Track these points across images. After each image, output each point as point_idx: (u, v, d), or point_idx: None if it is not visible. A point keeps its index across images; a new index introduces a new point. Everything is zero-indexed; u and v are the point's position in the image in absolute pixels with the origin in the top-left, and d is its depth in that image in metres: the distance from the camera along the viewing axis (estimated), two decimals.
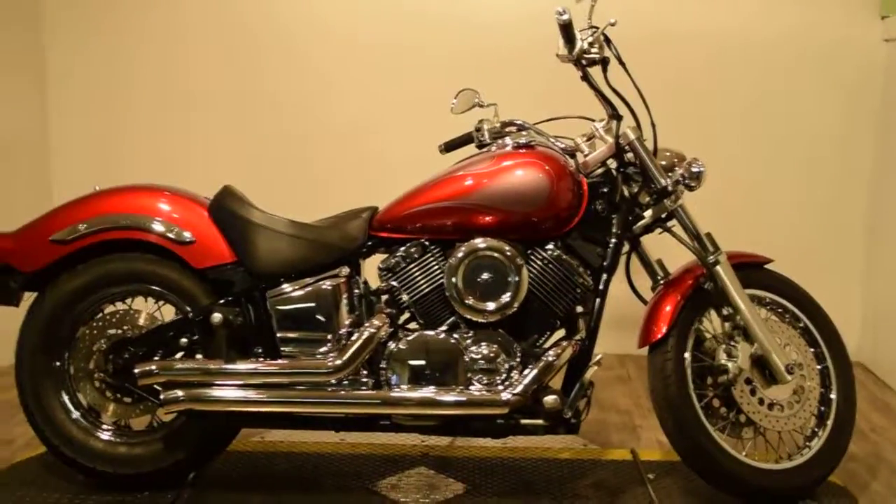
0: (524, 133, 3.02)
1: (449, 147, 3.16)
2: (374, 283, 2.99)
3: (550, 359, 2.79)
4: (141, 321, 2.95)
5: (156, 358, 2.89)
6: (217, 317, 2.81)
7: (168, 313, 3.00)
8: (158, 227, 2.88)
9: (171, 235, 2.88)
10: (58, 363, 2.95)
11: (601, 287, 2.90)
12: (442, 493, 2.98)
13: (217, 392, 2.79)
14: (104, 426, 2.98)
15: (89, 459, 2.94)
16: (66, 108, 4.76)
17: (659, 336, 2.89)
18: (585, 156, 2.97)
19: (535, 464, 3.23)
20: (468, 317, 2.83)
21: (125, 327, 2.94)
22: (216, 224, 2.91)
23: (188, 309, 2.92)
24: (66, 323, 2.94)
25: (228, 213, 2.91)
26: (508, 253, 2.81)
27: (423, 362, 2.84)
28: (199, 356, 2.92)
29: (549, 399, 2.75)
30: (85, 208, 2.93)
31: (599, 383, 2.84)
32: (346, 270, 2.91)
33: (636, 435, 3.65)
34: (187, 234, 2.88)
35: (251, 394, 2.79)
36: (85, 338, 2.95)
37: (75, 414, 2.96)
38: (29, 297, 3.01)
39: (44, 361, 2.94)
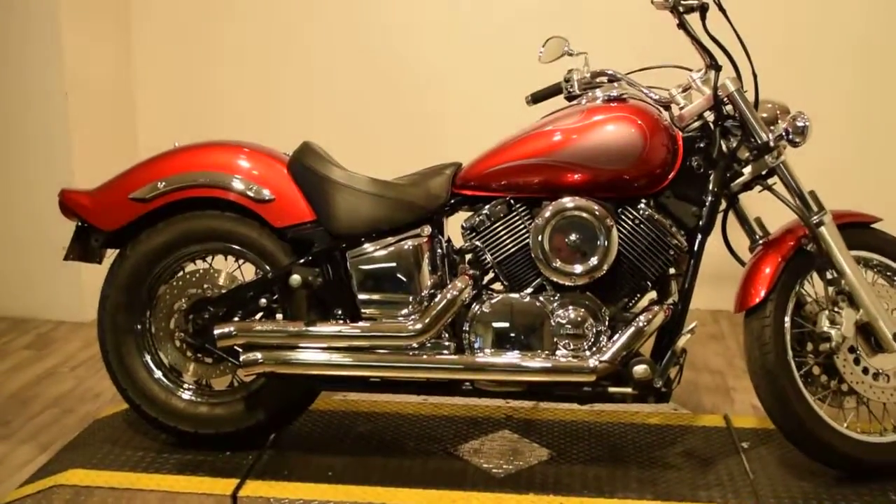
0: (615, 84, 2.86)
1: (536, 98, 3.02)
2: (458, 242, 2.89)
3: (641, 324, 2.66)
4: (221, 280, 2.91)
5: (235, 318, 2.84)
6: (296, 278, 2.74)
7: (249, 272, 2.95)
8: (237, 184, 2.82)
9: (250, 193, 2.81)
10: (139, 322, 2.93)
11: (696, 248, 2.74)
12: (525, 459, 2.90)
13: (296, 355, 2.73)
14: (185, 386, 2.96)
15: (171, 419, 2.93)
16: (151, 59, 4.75)
17: (757, 300, 2.73)
18: (681, 108, 2.80)
19: (622, 429, 3.12)
20: (554, 279, 2.71)
21: (205, 286, 2.90)
22: (296, 182, 2.83)
23: (267, 269, 2.86)
24: (147, 281, 2.92)
25: (308, 171, 2.82)
26: (598, 213, 2.67)
27: (507, 326, 2.74)
28: (279, 316, 2.87)
29: (640, 368, 2.62)
30: (164, 166, 2.88)
31: (690, 340, 2.70)
32: (428, 230, 2.81)
33: (729, 398, 3.51)
34: (266, 192, 2.81)
35: (331, 357, 2.73)
36: (165, 297, 2.92)
37: (157, 373, 2.95)
38: (111, 255, 3.00)
39: (125, 320, 2.92)
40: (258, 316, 2.87)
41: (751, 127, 2.73)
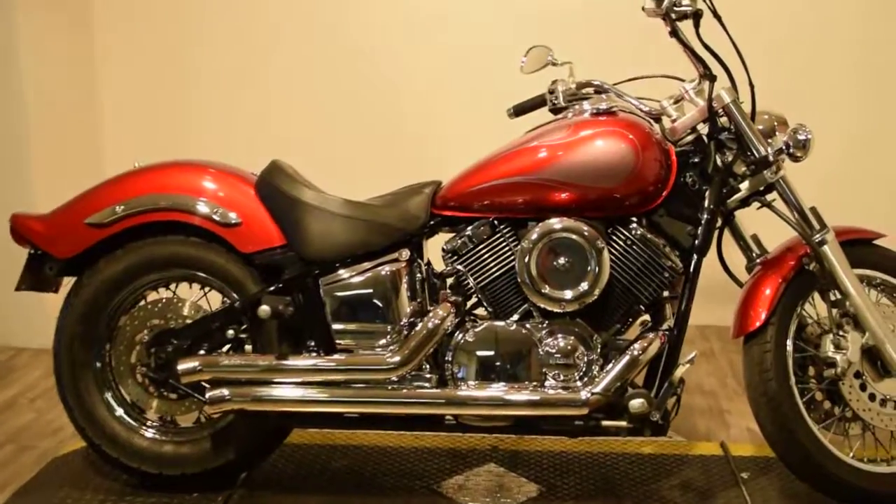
0: (603, 96, 2.70)
1: (518, 111, 2.85)
2: (439, 265, 2.72)
3: (636, 353, 2.50)
4: (185, 310, 2.72)
5: (201, 351, 2.65)
6: (265, 309, 2.55)
7: (216, 301, 2.76)
8: (201, 207, 2.63)
9: (215, 217, 2.62)
10: (98, 355, 2.73)
11: (692, 269, 2.58)
12: (513, 496, 2.72)
13: (267, 390, 2.55)
14: (148, 423, 2.76)
15: (133, 459, 2.73)
16: (116, 67, 4.54)
17: (758, 324, 2.57)
18: (673, 121, 2.63)
19: (614, 460, 2.95)
20: (542, 306, 2.54)
21: (168, 317, 2.71)
22: (264, 204, 2.65)
23: (235, 297, 2.67)
24: (106, 312, 2.72)
25: (276, 192, 2.64)
26: (587, 234, 2.50)
27: (492, 356, 2.57)
28: (249, 347, 2.68)
29: (636, 403, 2.45)
30: (122, 188, 2.69)
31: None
32: (406, 253, 2.63)
33: (724, 421, 3.35)
34: (233, 216, 2.63)
35: (303, 392, 2.54)
36: (126, 328, 2.73)
37: (118, 411, 2.75)
38: (69, 283, 2.80)
39: (83, 353, 2.72)
40: (226, 348, 2.68)
41: (748, 140, 2.57)
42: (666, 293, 2.60)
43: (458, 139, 4.11)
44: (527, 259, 2.51)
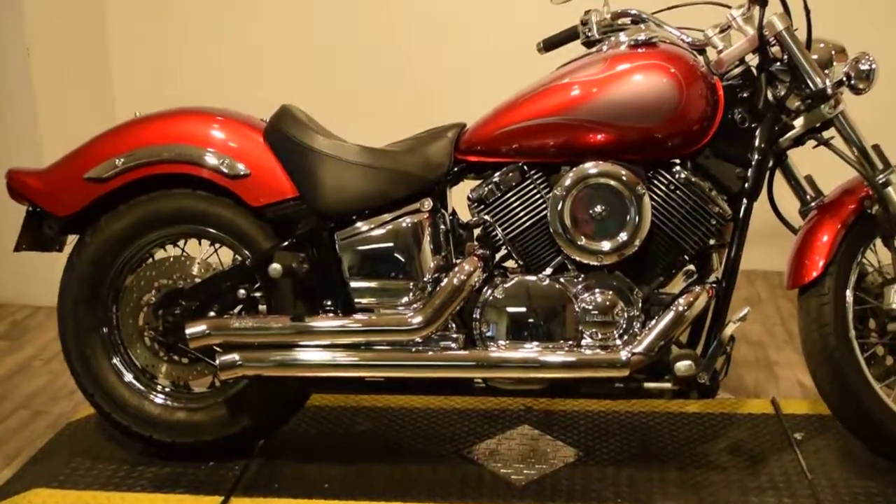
0: (642, 26, 2.45)
1: (549, 45, 2.63)
2: (464, 214, 2.51)
3: (680, 308, 2.29)
4: (194, 269, 2.54)
5: (211, 313, 2.47)
6: (275, 267, 2.35)
7: (228, 258, 2.58)
8: (207, 158, 2.44)
9: (222, 168, 2.43)
10: (104, 318, 2.57)
11: (741, 215, 2.36)
12: (549, 462, 2.54)
13: (281, 355, 2.37)
14: (160, 389, 2.60)
15: (145, 427, 2.57)
16: (126, 9, 4.32)
17: (815, 274, 2.35)
18: (719, 52, 2.38)
19: (657, 420, 2.76)
20: (578, 259, 2.33)
21: (176, 276, 2.53)
22: (274, 153, 2.44)
23: (247, 254, 2.49)
24: (111, 272, 2.55)
25: (286, 140, 2.43)
26: (626, 179, 2.28)
27: (523, 313, 2.37)
28: (263, 308, 2.50)
29: (683, 365, 2.25)
30: (122, 139, 2.50)
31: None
32: (428, 203, 2.42)
33: (773, 374, 3.14)
34: (241, 167, 2.43)
35: (321, 355, 2.36)
36: (132, 289, 2.56)
37: (128, 376, 2.59)
38: (73, 240, 2.63)
39: (88, 316, 2.55)
40: (238, 309, 2.50)
41: (803, 71, 2.32)
42: (713, 241, 2.37)
43: (484, 77, 3.88)
44: (559, 207, 2.30)
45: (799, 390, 2.99)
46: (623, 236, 2.28)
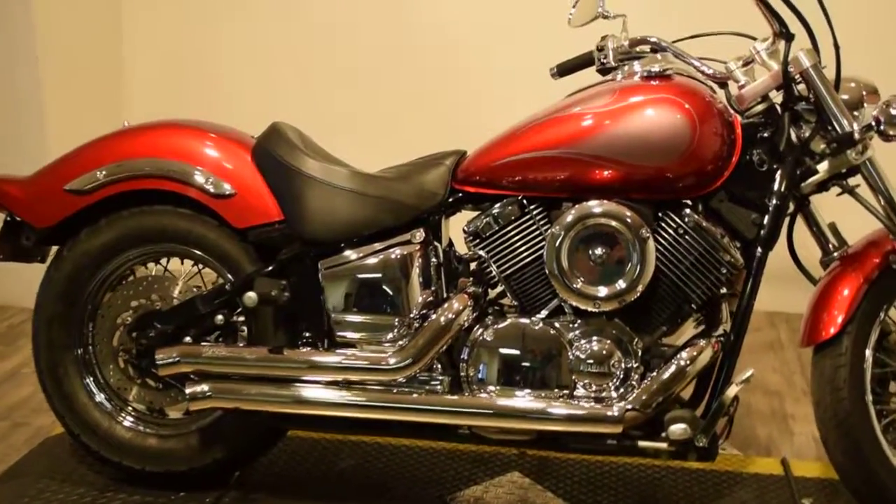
0: (659, 55, 2.29)
1: (563, 71, 2.47)
2: (462, 246, 2.36)
3: (682, 363, 2.12)
4: (174, 290, 2.41)
5: (187, 338, 2.35)
6: (250, 296, 2.23)
7: (212, 278, 2.46)
8: (192, 175, 2.32)
9: (206, 186, 2.31)
10: (79, 337, 2.45)
11: (755, 264, 2.18)
12: None
13: (253, 388, 2.24)
14: (132, 412, 2.48)
15: (114, 452, 2.45)
16: (140, 16, 4.24)
17: (832, 332, 2.17)
18: (741, 87, 2.22)
19: (658, 475, 2.58)
20: (574, 304, 2.17)
21: (153, 297, 2.41)
22: (261, 173, 2.32)
23: (230, 277, 2.36)
24: (88, 288, 2.43)
25: (273, 160, 2.31)
26: (630, 221, 2.12)
27: (513, 357, 2.22)
28: (244, 334, 2.38)
29: (677, 429, 2.08)
30: (106, 151, 2.39)
31: (742, 350, 2.20)
32: (420, 235, 2.28)
33: (787, 428, 2.96)
34: (227, 186, 2.31)
35: (295, 391, 2.23)
36: (109, 307, 2.44)
37: (99, 396, 2.47)
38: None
39: (62, 335, 2.44)
40: (215, 335, 2.37)
41: (829, 112, 2.15)
42: (722, 291, 2.20)
43: (494, 101, 3.72)
44: (557, 247, 2.15)
45: (814, 447, 2.80)
46: (623, 283, 2.12)
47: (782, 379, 3.34)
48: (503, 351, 2.21)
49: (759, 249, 2.18)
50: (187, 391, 2.25)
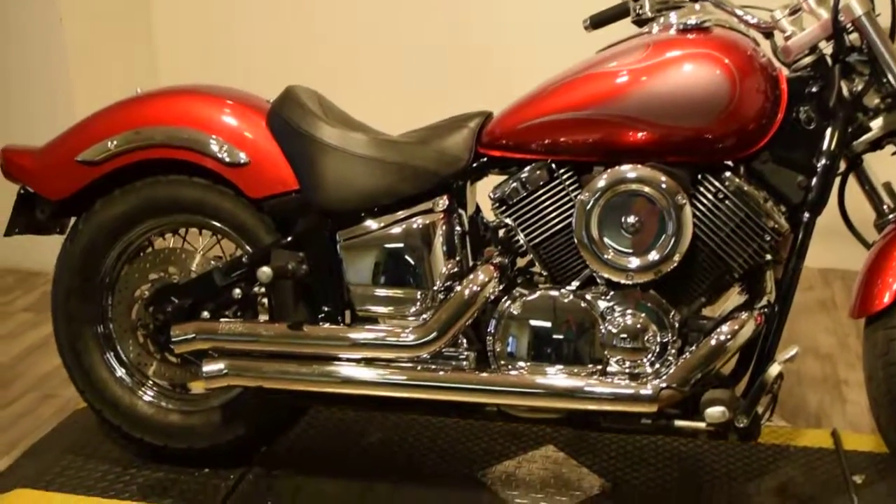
0: (698, 5, 2.13)
1: (597, 23, 2.32)
2: (487, 211, 2.24)
3: (723, 337, 1.99)
4: (192, 263, 2.33)
5: (205, 313, 2.27)
6: (265, 271, 2.13)
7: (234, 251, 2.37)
8: (205, 143, 2.22)
9: (220, 155, 2.21)
10: (98, 311, 2.39)
11: (802, 231, 2.03)
12: (572, 494, 2.28)
13: (269, 366, 2.16)
14: (154, 389, 2.42)
15: (136, 429, 2.40)
16: None
17: (886, 302, 2.02)
18: (787, 38, 2.05)
19: (699, 449, 2.46)
20: (606, 276, 2.04)
21: (171, 270, 2.33)
22: (276, 140, 2.21)
23: (248, 249, 2.27)
24: (105, 261, 2.36)
25: (287, 127, 2.20)
26: (665, 187, 1.97)
27: (542, 331, 2.10)
28: (264, 308, 2.29)
29: (714, 412, 1.96)
30: (117, 120, 2.30)
31: (793, 310, 2.07)
32: (443, 202, 2.16)
33: (840, 396, 2.82)
34: (242, 155, 2.20)
35: (314, 369, 2.14)
36: (127, 280, 2.37)
37: (119, 372, 2.41)
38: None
39: (81, 308, 2.38)
40: (234, 309, 2.29)
41: (885, 64, 1.99)
42: (766, 259, 2.06)
43: (523, 58, 3.54)
44: (587, 214, 2.01)
45: (868, 418, 2.64)
46: (657, 253, 1.98)
47: (835, 341, 3.19)
48: (532, 324, 2.10)
49: (807, 214, 2.02)
50: (203, 369, 2.18)
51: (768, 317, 2.03)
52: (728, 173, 2.02)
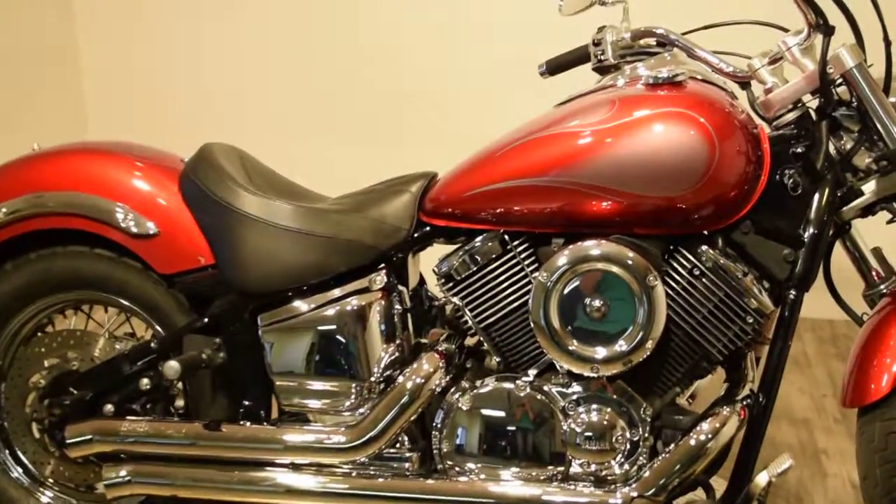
0: (667, 54, 1.89)
1: (554, 68, 2.09)
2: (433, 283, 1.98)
3: (703, 437, 1.73)
4: (96, 347, 2.04)
5: (108, 406, 1.97)
6: (172, 366, 1.83)
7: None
8: (107, 212, 1.94)
9: (124, 225, 1.93)
10: None
11: (787, 309, 1.79)
12: None
13: (182, 471, 1.87)
14: (52, 489, 2.11)
15: None
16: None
17: (884, 390, 1.78)
18: (768, 90, 1.82)
19: None
20: (567, 367, 1.78)
21: (71, 354, 2.03)
22: (189, 207, 1.93)
23: (160, 331, 1.99)
24: None
25: (201, 193, 1.92)
26: (633, 265, 1.72)
27: (495, 430, 1.83)
28: (179, 402, 2.01)
29: None
30: (10, 182, 2.01)
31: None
32: (381, 279, 1.89)
33: (820, 468, 2.58)
34: (150, 225, 1.92)
35: (234, 476, 1.85)
36: (20, 365, 2.07)
37: (15, 472, 2.10)
38: None
39: None
40: (143, 402, 1.99)
41: (878, 122, 1.76)
42: (747, 342, 1.81)
43: (468, 110, 3.28)
44: (545, 297, 1.75)
45: (853, 494, 2.43)
46: (625, 343, 1.73)
47: (810, 403, 2.96)
48: (482, 421, 1.83)
49: (793, 292, 1.78)
50: (103, 475, 1.88)
51: (752, 408, 1.78)
52: (704, 246, 1.77)
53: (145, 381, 1.96)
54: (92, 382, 1.98)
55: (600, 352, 1.74)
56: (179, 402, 2.02)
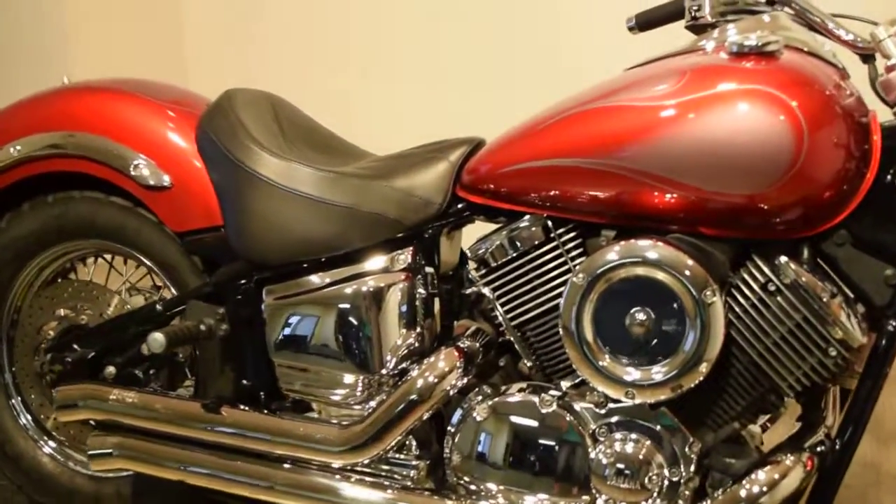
0: (766, 17, 1.55)
1: (644, 23, 1.79)
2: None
3: (756, 488, 1.43)
4: (109, 304, 1.89)
5: (110, 367, 1.82)
6: (156, 338, 1.64)
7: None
8: (124, 158, 1.77)
9: (136, 173, 1.76)
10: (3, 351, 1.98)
11: (885, 342, 1.45)
12: None
13: (168, 451, 1.70)
14: (59, 444, 2.00)
15: (40, 491, 1.99)
16: None
17: None
18: (890, 66, 1.47)
19: None
20: (597, 387, 1.50)
21: (82, 307, 1.90)
22: (205, 162, 1.74)
23: (174, 292, 1.83)
24: (14, 286, 1.95)
25: (214, 149, 1.72)
26: (690, 276, 1.41)
27: (513, 447, 1.57)
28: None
29: None
30: (27, 120, 1.89)
31: None
32: (405, 258, 1.65)
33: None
34: (165, 177, 1.75)
35: (216, 462, 1.68)
36: (31, 313, 1.95)
37: (24, 419, 2.00)
38: None
39: None
40: (144, 367, 1.84)
41: None
42: (827, 378, 1.48)
43: (536, 67, 2.91)
44: (579, 302, 1.47)
45: None
46: (667, 369, 1.43)
47: (876, 444, 2.55)
48: (498, 436, 1.57)
49: (893, 322, 1.44)
50: (88, 444, 1.74)
51: (824, 459, 1.46)
52: (784, 258, 1.44)
53: (146, 346, 1.79)
54: (95, 340, 1.83)
55: (632, 375, 1.45)
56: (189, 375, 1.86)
